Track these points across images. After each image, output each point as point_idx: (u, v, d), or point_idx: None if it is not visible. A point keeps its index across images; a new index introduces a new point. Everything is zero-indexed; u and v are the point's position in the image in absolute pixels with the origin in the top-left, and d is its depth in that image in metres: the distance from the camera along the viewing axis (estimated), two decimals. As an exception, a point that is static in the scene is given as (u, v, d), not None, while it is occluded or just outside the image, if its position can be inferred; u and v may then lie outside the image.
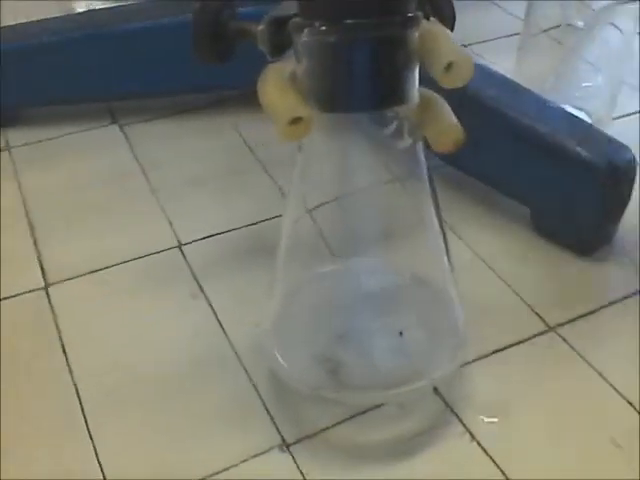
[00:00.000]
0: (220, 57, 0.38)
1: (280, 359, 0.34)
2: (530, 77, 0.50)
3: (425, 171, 0.31)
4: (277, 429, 0.35)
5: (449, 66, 0.28)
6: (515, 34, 0.59)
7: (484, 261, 0.43)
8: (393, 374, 0.32)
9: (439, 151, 0.30)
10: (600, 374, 0.37)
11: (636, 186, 0.42)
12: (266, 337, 0.35)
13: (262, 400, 0.36)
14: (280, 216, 0.45)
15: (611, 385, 0.36)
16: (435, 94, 0.31)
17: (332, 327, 0.35)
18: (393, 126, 0.30)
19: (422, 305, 0.33)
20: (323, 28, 0.28)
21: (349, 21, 0.27)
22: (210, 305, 0.41)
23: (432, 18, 0.30)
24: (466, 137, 0.30)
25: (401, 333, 0.32)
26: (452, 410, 0.35)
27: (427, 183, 0.31)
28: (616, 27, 0.49)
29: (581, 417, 0.35)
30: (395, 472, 0.33)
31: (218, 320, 0.40)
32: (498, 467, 0.33)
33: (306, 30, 0.29)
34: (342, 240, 0.35)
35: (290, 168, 0.50)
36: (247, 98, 0.53)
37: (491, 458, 0.33)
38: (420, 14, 0.28)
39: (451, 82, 0.28)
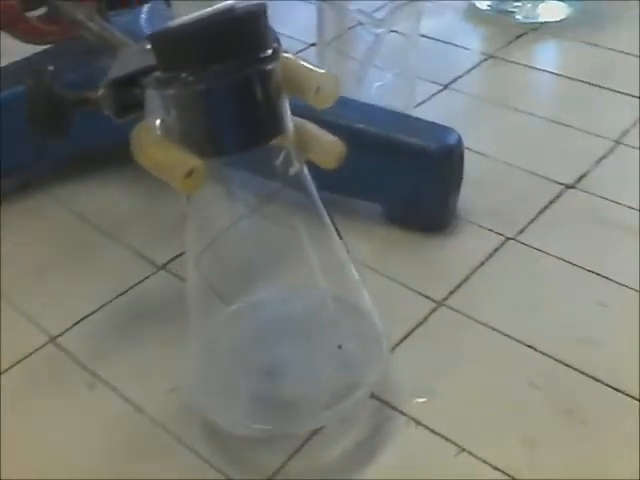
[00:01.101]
0: (60, 131, 0.37)
1: (217, 410, 0.34)
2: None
3: (315, 191, 0.33)
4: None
5: (318, 89, 0.30)
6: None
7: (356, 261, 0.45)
8: (337, 389, 0.33)
9: (326, 167, 0.32)
10: (494, 329, 0.40)
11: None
12: (196, 393, 0.35)
13: (209, 463, 0.35)
14: (147, 277, 0.45)
15: (509, 336, 0.40)
16: (302, 119, 0.32)
17: (262, 362, 0.35)
18: (282, 155, 0.31)
19: (346, 317, 0.35)
20: (191, 78, 0.28)
21: (215, 66, 0.28)
22: (113, 389, 0.39)
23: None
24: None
25: (340, 346, 0.33)
26: (389, 405, 0.37)
27: (319, 201, 0.33)
28: (399, 33, 0.54)
29: (495, 372, 0.38)
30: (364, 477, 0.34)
31: (128, 401, 0.38)
32: (449, 440, 0.35)
33: (173, 83, 0.29)
34: (247, 276, 0.35)
35: (134, 226, 0.49)
36: (61, 173, 0.52)
37: (440, 435, 0.35)
38: (279, 47, 0.30)
39: (323, 103, 0.30)
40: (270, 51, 0.29)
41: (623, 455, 0.34)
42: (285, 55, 0.31)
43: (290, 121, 0.31)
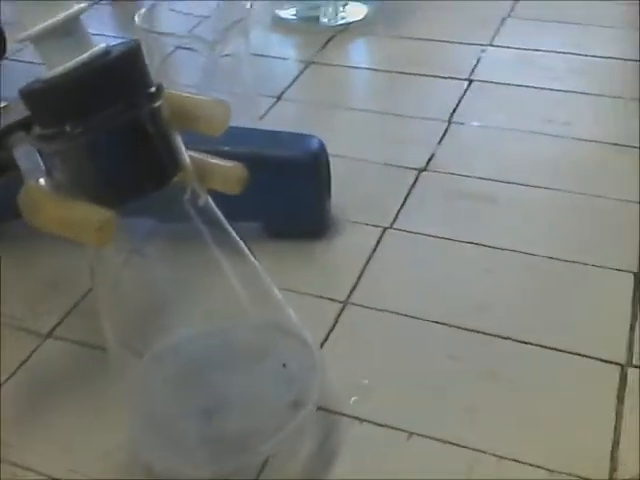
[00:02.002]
0: None
1: (162, 461, 0.33)
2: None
3: (224, 220, 0.32)
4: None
5: (210, 117, 0.30)
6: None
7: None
8: (284, 410, 0.33)
9: (231, 193, 0.32)
10: (401, 314, 0.42)
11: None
12: (138, 449, 0.33)
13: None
14: (36, 349, 0.42)
15: (415, 317, 0.42)
16: (194, 151, 0.32)
17: (199, 402, 0.34)
18: (189, 191, 0.31)
19: (281, 337, 0.34)
20: (78, 130, 0.27)
21: (101, 114, 0.27)
22: (41, 474, 0.35)
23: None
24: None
25: (284, 365, 0.33)
26: (329, 410, 0.37)
27: (230, 228, 0.33)
28: (230, 55, 0.55)
29: (414, 353, 0.40)
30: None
31: None
32: (396, 428, 0.36)
33: (57, 138, 0.27)
34: (169, 317, 0.34)
35: (4, 298, 0.45)
36: None
37: (386, 425, 0.36)
38: (161, 84, 0.29)
39: (216, 131, 0.30)
40: (154, 88, 0.29)
41: (549, 401, 0.37)
42: (168, 90, 0.30)
43: (186, 156, 0.30)
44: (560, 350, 0.39)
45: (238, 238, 0.33)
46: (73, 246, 0.29)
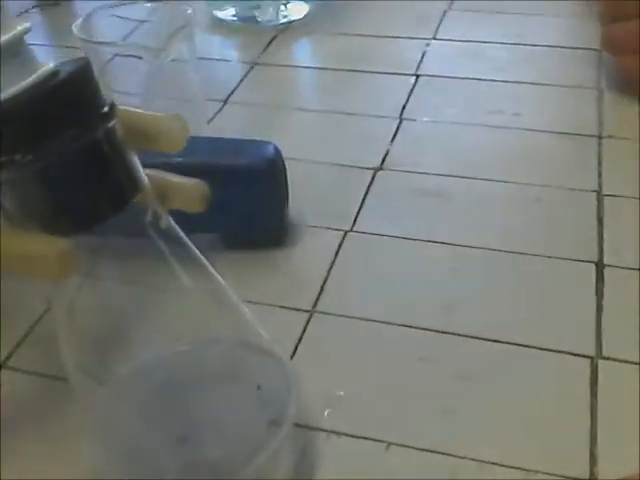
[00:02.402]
0: None
1: None
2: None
3: (187, 240, 0.31)
4: None
5: (167, 135, 0.29)
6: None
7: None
8: (262, 432, 0.32)
9: (194, 211, 0.31)
10: (368, 319, 0.41)
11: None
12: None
13: None
14: None
15: (383, 322, 0.41)
16: (155, 170, 0.31)
17: (171, 429, 0.32)
18: (149, 213, 0.29)
19: (254, 357, 0.33)
20: (28, 158, 0.25)
21: (52, 139, 0.25)
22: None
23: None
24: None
25: (259, 387, 0.32)
26: (304, 426, 0.36)
27: (193, 247, 0.31)
28: (176, 61, 0.53)
29: (385, 359, 0.40)
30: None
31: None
32: (373, 439, 0.36)
33: (6, 167, 0.26)
34: (134, 342, 0.32)
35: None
36: None
37: (362, 437, 0.36)
38: (113, 102, 0.28)
39: (174, 147, 0.29)
40: (107, 108, 0.27)
41: (523, 400, 0.37)
42: (121, 107, 0.29)
43: (143, 175, 0.29)
44: (530, 346, 0.39)
45: (201, 256, 0.32)
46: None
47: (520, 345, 0.39)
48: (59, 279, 0.26)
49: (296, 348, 0.40)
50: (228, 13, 0.74)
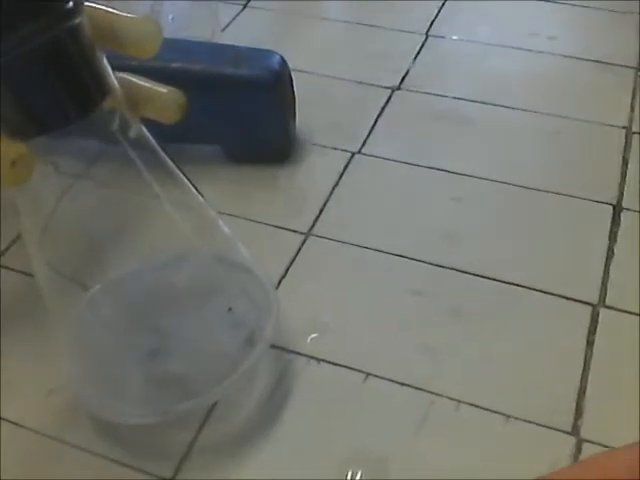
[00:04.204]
0: None
1: (103, 405, 0.31)
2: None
3: (160, 149, 0.29)
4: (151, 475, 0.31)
5: (138, 37, 0.26)
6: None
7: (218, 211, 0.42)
8: (234, 352, 0.31)
9: (169, 122, 0.29)
10: (365, 247, 0.40)
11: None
12: (76, 391, 0.32)
13: (111, 460, 0.32)
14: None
15: (380, 250, 0.40)
16: (127, 74, 0.29)
17: (143, 343, 0.32)
18: (117, 119, 0.27)
19: (229, 276, 0.32)
20: None
21: (13, 34, 0.24)
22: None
23: None
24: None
25: (230, 309, 0.31)
26: (285, 349, 0.36)
27: (166, 158, 0.30)
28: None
29: (377, 289, 0.38)
30: (278, 431, 0.33)
31: (2, 419, 0.33)
32: (353, 369, 0.35)
33: None
34: (109, 250, 0.31)
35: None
36: None
37: (342, 365, 0.35)
38: None
39: (146, 53, 0.27)
40: (71, 3, 0.25)
41: (514, 343, 0.35)
42: (89, 4, 0.26)
43: (114, 79, 0.27)
44: (529, 287, 0.37)
45: (177, 168, 0.30)
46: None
47: (519, 285, 0.37)
48: (14, 184, 0.25)
49: (287, 270, 0.39)
50: None
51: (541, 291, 0.37)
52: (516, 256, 0.39)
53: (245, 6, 0.59)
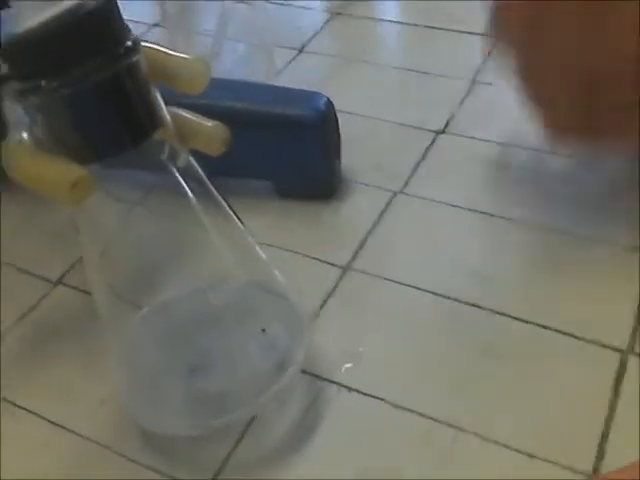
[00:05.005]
0: None
1: (148, 416, 0.34)
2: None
3: (206, 180, 0.32)
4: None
5: (189, 74, 0.29)
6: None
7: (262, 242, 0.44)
8: (267, 373, 0.33)
9: (214, 154, 0.31)
10: (402, 283, 0.41)
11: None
12: (123, 402, 0.34)
13: (153, 469, 0.34)
14: (45, 295, 0.42)
15: (416, 287, 0.41)
16: (178, 109, 0.31)
17: (185, 360, 0.34)
18: (166, 149, 0.30)
19: (264, 300, 0.34)
20: (54, 84, 0.26)
21: (77, 68, 0.26)
22: (37, 415, 0.36)
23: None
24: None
25: (264, 330, 0.33)
26: (319, 377, 0.37)
27: (212, 188, 0.32)
28: (244, 2, 0.53)
29: (411, 324, 0.39)
30: (308, 453, 0.34)
31: (54, 423, 0.36)
32: (383, 399, 0.36)
33: (34, 92, 0.27)
34: (156, 275, 0.34)
35: (15, 246, 0.46)
36: None
37: (373, 396, 0.36)
38: (138, 38, 0.28)
39: (195, 89, 0.29)
40: (130, 43, 0.28)
41: (542, 384, 0.36)
42: (146, 44, 0.29)
43: (166, 112, 0.30)
44: (559, 331, 0.38)
45: (221, 199, 0.32)
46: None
47: (549, 328, 0.38)
48: (72, 204, 0.27)
49: (325, 301, 0.41)
50: (318, -41, 0.73)
51: (571, 335, 0.38)
52: (548, 299, 0.40)
53: (301, 51, 0.62)
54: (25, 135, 0.29)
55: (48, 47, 0.26)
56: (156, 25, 0.61)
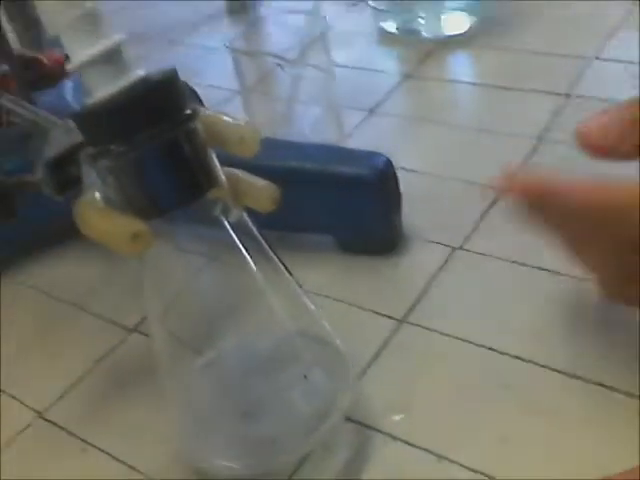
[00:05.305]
0: (8, 214, 0.38)
1: (202, 457, 0.35)
2: (261, 128, 0.55)
3: (258, 234, 0.34)
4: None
5: (241, 140, 0.32)
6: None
7: (314, 292, 0.46)
8: (310, 419, 0.34)
9: (264, 211, 0.34)
10: (457, 338, 0.42)
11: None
12: (180, 443, 0.36)
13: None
14: (121, 342, 0.46)
15: (471, 342, 0.42)
16: (233, 169, 0.34)
17: (237, 405, 0.36)
18: (219, 205, 0.33)
19: (309, 348, 0.36)
20: (121, 149, 0.30)
21: (141, 134, 0.30)
22: (104, 452, 0.39)
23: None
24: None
25: (305, 376, 0.34)
26: (368, 426, 0.38)
27: (263, 242, 0.34)
28: (315, 67, 0.56)
29: (464, 379, 0.40)
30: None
31: (120, 461, 0.39)
32: (428, 450, 0.36)
33: (104, 155, 0.30)
34: (209, 324, 0.36)
35: (98, 294, 0.50)
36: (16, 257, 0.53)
37: (418, 447, 0.37)
38: (197, 106, 0.31)
39: (246, 152, 0.32)
40: (189, 111, 0.31)
41: (588, 439, 0.36)
42: (206, 112, 0.32)
43: (221, 173, 0.32)
44: (612, 388, 0.38)
45: (271, 252, 0.35)
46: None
47: (601, 385, 0.38)
48: (133, 254, 0.30)
49: (379, 352, 0.42)
50: (391, 25, 0.76)
51: (626, 393, 0.37)
52: (603, 357, 0.39)
53: (371, 112, 0.64)
54: (97, 194, 0.32)
55: (117, 116, 0.29)
56: (235, 91, 0.65)
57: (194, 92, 0.46)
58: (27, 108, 0.43)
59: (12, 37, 0.61)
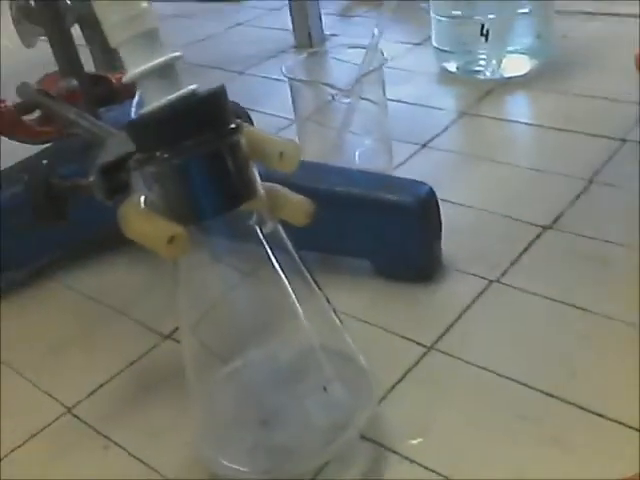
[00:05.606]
0: (60, 216, 0.40)
1: (220, 463, 0.36)
2: (313, 155, 0.57)
3: (291, 247, 0.35)
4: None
5: (281, 155, 0.33)
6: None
7: (354, 317, 0.46)
8: (327, 430, 0.35)
9: (297, 225, 0.35)
10: (482, 368, 0.42)
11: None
12: (199, 448, 0.37)
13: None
14: (155, 347, 0.47)
15: (496, 373, 0.42)
16: (273, 183, 0.35)
17: (257, 413, 0.37)
18: (254, 217, 0.34)
19: (330, 362, 0.36)
20: (166, 156, 0.32)
21: (186, 143, 0.31)
22: (126, 450, 0.41)
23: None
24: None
25: (325, 388, 0.35)
26: (385, 447, 0.38)
27: (296, 255, 0.35)
28: (368, 100, 0.58)
29: (485, 407, 0.40)
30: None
31: (140, 460, 0.40)
32: (441, 475, 0.36)
33: (151, 161, 0.32)
34: (238, 334, 0.37)
35: (139, 301, 0.52)
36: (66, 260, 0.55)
37: (434, 471, 0.37)
38: (241, 122, 0.33)
39: (287, 167, 0.34)
40: (233, 125, 0.33)
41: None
42: (249, 128, 0.34)
43: (260, 185, 0.34)
44: (632, 428, 0.37)
45: (303, 266, 0.36)
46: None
47: (623, 424, 0.37)
48: (170, 257, 0.32)
49: (404, 376, 0.42)
50: (453, 65, 0.77)
51: (648, 433, 0.37)
52: (627, 396, 0.39)
53: (424, 146, 0.66)
54: (141, 199, 0.34)
55: (164, 125, 0.31)
56: (292, 120, 0.68)
57: (246, 113, 0.48)
58: (89, 120, 0.46)
59: (86, 59, 0.65)
